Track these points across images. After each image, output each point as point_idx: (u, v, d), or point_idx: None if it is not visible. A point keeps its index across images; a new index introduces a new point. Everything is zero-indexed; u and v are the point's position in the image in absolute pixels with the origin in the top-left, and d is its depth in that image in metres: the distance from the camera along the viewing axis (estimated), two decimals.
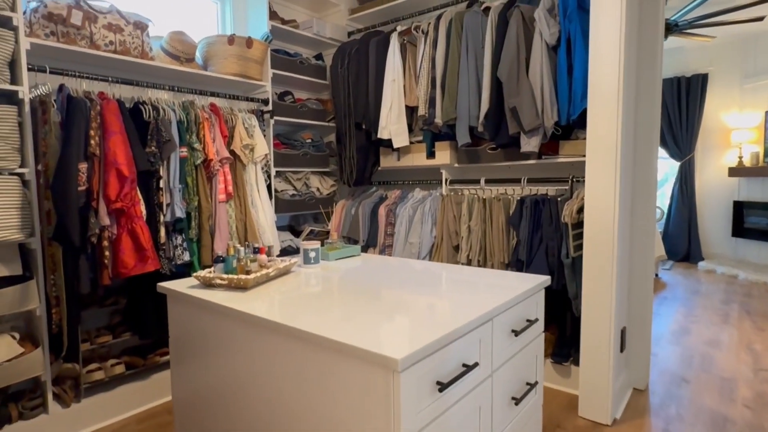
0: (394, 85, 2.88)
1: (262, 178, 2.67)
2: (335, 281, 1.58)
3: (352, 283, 1.56)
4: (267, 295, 1.41)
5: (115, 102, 2.06)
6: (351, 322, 1.13)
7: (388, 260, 1.97)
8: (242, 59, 2.68)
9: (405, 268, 1.80)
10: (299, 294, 1.42)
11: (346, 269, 1.78)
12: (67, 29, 2.02)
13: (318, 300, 1.34)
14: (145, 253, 2.06)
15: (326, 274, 1.71)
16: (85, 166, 1.93)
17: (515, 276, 1.61)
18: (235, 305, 1.30)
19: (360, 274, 1.69)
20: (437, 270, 1.74)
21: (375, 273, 1.71)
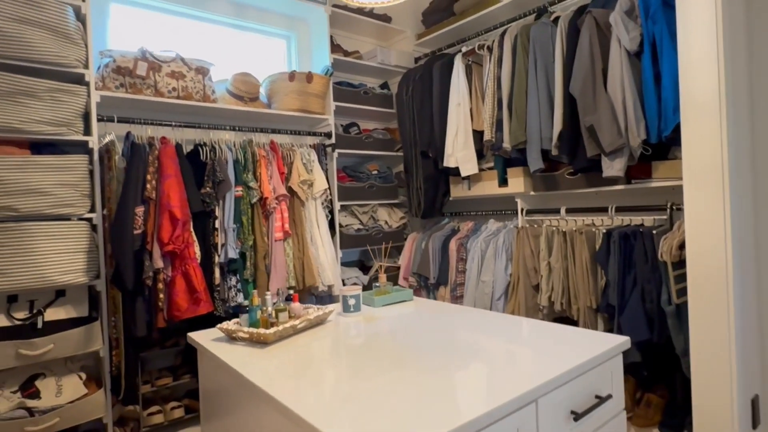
0: (459, 110, 2.64)
1: (323, 214, 2.58)
2: (369, 337, 1.37)
3: (387, 340, 1.33)
4: (286, 353, 1.24)
5: (172, 146, 2.11)
6: (356, 403, 0.90)
7: (442, 308, 1.70)
8: (303, 94, 2.65)
9: (454, 319, 1.52)
10: (322, 354, 1.23)
11: (388, 320, 1.56)
12: (134, 80, 2.13)
13: (338, 364, 1.14)
14: (198, 296, 2.04)
15: (363, 327, 1.50)
16: (142, 210, 1.98)
17: (585, 335, 1.26)
18: (240, 365, 1.15)
19: (401, 327, 1.46)
20: (487, 323, 1.44)
21: (417, 327, 1.46)
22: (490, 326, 1.42)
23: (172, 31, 2.61)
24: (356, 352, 1.24)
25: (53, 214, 1.91)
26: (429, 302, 1.82)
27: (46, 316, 1.96)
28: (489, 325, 1.44)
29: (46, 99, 1.90)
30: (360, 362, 1.15)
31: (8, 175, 1.80)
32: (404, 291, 1.85)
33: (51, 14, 1.88)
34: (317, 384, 1.01)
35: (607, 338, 1.22)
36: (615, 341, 1.20)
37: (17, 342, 1.84)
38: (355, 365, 1.13)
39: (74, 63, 1.97)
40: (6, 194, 1.80)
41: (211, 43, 2.75)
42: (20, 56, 1.83)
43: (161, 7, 2.54)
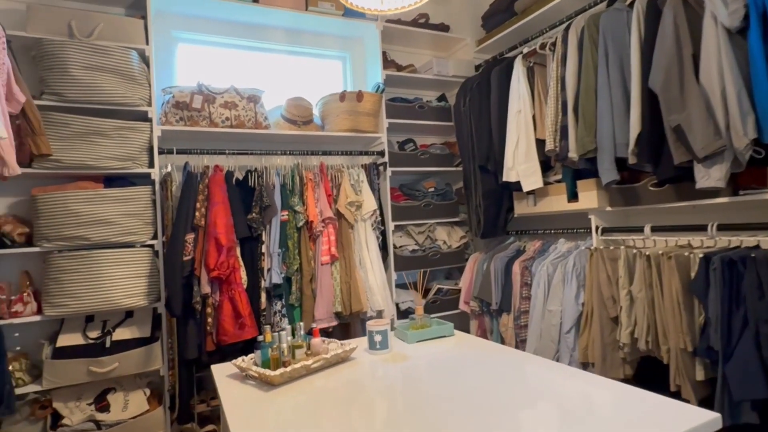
0: (519, 117, 2.40)
1: (373, 236, 2.50)
2: (390, 384, 1.24)
3: (410, 391, 1.19)
4: (292, 397, 1.17)
5: (221, 173, 2.19)
6: None
7: (485, 348, 1.51)
8: (353, 114, 2.62)
9: (496, 366, 1.32)
10: (331, 402, 1.12)
11: (419, 362, 1.40)
12: (191, 113, 2.26)
13: (345, 416, 1.03)
14: (243, 321, 2.07)
15: (387, 369, 1.37)
16: (192, 237, 2.07)
17: (657, 404, 0.99)
18: (232, 409, 1.09)
19: (431, 374, 1.30)
20: (536, 376, 1.22)
21: (451, 374, 1.29)
22: (539, 381, 1.20)
23: (233, 64, 2.75)
24: (370, 403, 1.12)
25: (119, 241, 2.07)
26: (472, 340, 1.63)
27: (115, 335, 2.12)
28: (538, 379, 1.22)
29: (114, 137, 2.08)
30: (370, 418, 1.03)
31: (81, 208, 2.00)
32: (444, 325, 1.68)
33: (117, 60, 2.06)
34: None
35: (693, 414, 0.94)
36: (703, 417, 0.91)
37: (88, 360, 2.01)
38: (364, 421, 1.01)
39: (138, 102, 2.14)
40: (79, 225, 2.00)
41: (269, 72, 2.85)
42: (92, 100, 2.03)
43: (223, 42, 2.69)
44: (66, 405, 2.08)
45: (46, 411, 2.04)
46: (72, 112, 2.01)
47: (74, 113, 2.01)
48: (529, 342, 2.38)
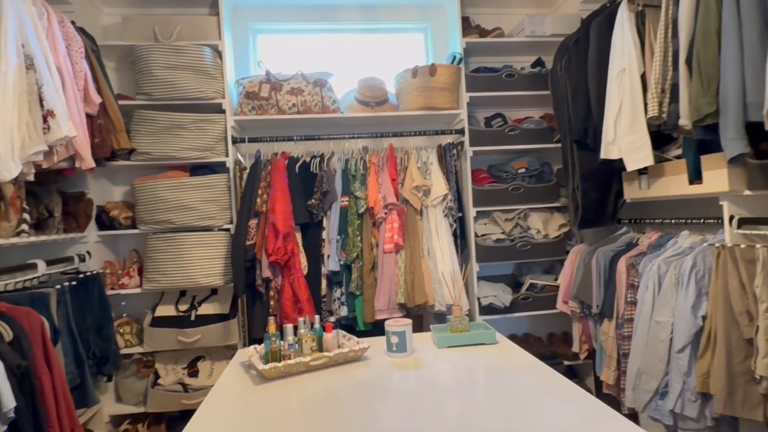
0: (623, 78, 1.90)
1: (444, 223, 2.28)
2: (387, 394, 1.09)
3: (405, 403, 1.02)
4: (273, 396, 1.11)
5: (282, 160, 2.21)
6: None
7: (529, 367, 1.23)
8: (426, 90, 2.40)
9: (535, 399, 1.06)
10: (311, 406, 1.03)
11: (438, 373, 1.21)
12: (260, 102, 2.33)
13: (307, 426, 0.93)
14: (301, 306, 2.08)
15: (394, 376, 1.20)
16: (255, 222, 2.14)
17: None
18: (211, 399, 1.07)
19: (444, 386, 1.11)
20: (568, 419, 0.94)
21: (466, 390, 1.08)
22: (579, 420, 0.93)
23: (310, 50, 2.76)
24: (350, 413, 0.99)
25: (199, 225, 2.26)
26: (516, 352, 1.34)
27: (200, 310, 2.34)
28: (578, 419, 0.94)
29: (193, 129, 2.26)
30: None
31: (167, 195, 2.22)
32: (485, 331, 1.42)
33: (192, 57, 2.21)
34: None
35: None
36: None
37: (177, 330, 2.26)
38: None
39: (213, 95, 2.28)
40: (167, 210, 2.23)
41: (346, 54, 2.79)
42: (173, 96, 2.22)
43: (299, 29, 2.71)
44: (165, 366, 2.38)
45: (149, 370, 2.36)
46: (158, 109, 2.23)
47: (160, 110, 2.23)
48: (632, 357, 1.92)
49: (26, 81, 1.49)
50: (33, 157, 1.50)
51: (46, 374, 1.48)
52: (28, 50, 1.52)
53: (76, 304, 1.90)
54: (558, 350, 2.57)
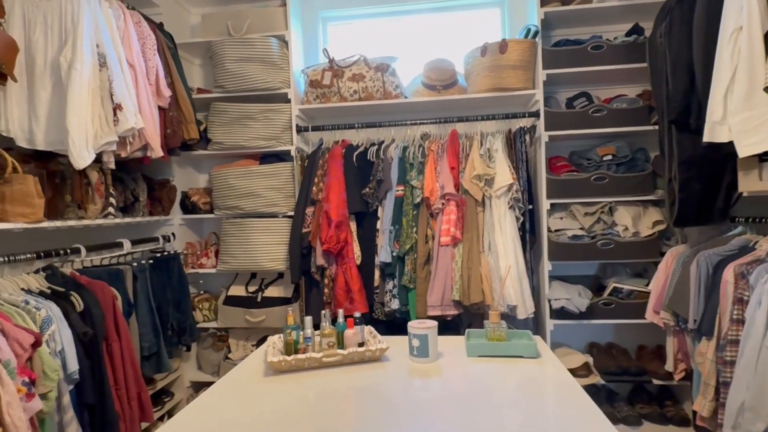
0: (739, 39, 1.52)
1: (509, 216, 2.07)
2: (382, 404, 1.01)
3: (397, 416, 0.95)
4: (273, 390, 1.09)
5: (339, 148, 2.19)
6: None
7: (570, 396, 1.06)
8: (495, 69, 2.19)
9: (549, 425, 0.91)
10: (299, 407, 1.01)
11: (453, 383, 1.10)
12: (322, 90, 2.33)
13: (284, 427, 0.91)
14: (352, 296, 2.06)
15: (404, 383, 1.12)
16: (311, 210, 2.16)
17: None
18: (218, 387, 1.08)
19: (451, 402, 1.00)
20: None
21: (478, 413, 0.96)
22: None
23: (380, 34, 2.69)
24: (349, 421, 0.95)
25: (265, 212, 2.35)
26: (558, 371, 1.16)
27: (266, 292, 2.45)
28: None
29: (261, 119, 2.34)
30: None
31: (236, 182, 2.34)
32: (526, 343, 1.25)
33: (259, 49, 2.29)
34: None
35: None
36: None
37: (244, 309, 2.39)
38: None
39: (279, 85, 2.33)
40: (237, 197, 2.35)
41: (418, 36, 2.67)
42: (242, 88, 2.32)
43: (368, 13, 2.65)
44: (236, 342, 2.54)
45: (223, 344, 2.55)
46: (231, 101, 2.35)
47: (232, 101, 2.35)
48: (735, 388, 1.57)
49: (99, 78, 1.65)
50: (105, 146, 1.67)
51: (116, 341, 1.66)
52: (102, 49, 1.68)
53: (157, 281, 2.10)
54: (648, 366, 2.21)
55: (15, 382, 1.24)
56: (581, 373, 2.19)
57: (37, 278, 1.57)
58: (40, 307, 1.42)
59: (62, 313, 1.47)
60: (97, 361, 1.54)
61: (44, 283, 1.57)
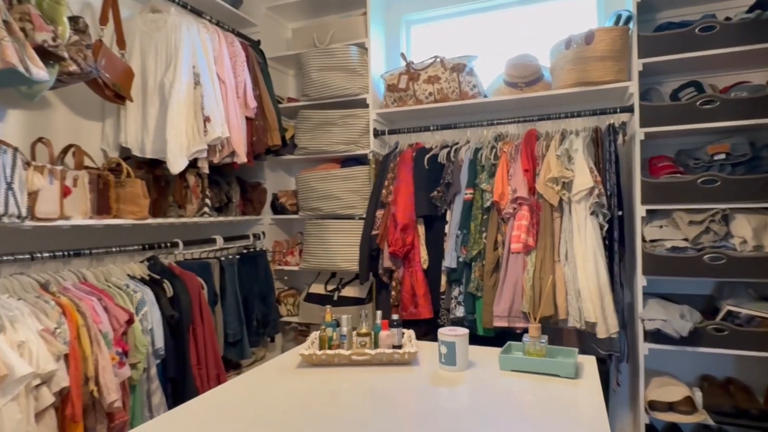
0: None
1: (591, 223, 1.87)
2: (392, 405, 1.01)
3: (405, 422, 0.95)
4: (297, 382, 1.14)
5: (410, 151, 2.19)
6: None
7: (588, 416, 0.95)
8: (580, 62, 2.00)
9: None
10: (308, 401, 1.05)
11: (475, 393, 1.05)
12: (399, 94, 2.36)
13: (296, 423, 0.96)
14: (417, 300, 2.05)
15: (421, 389, 1.09)
16: (381, 213, 2.19)
17: None
18: (254, 374, 1.17)
19: (464, 415, 0.97)
20: None
21: (479, 427, 0.92)
22: None
23: (464, 33, 2.63)
24: (355, 419, 0.97)
25: (342, 214, 2.46)
26: (591, 397, 1.03)
27: (343, 292, 2.55)
28: None
29: (341, 124, 2.46)
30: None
31: (317, 185, 2.49)
32: (562, 361, 1.13)
33: (340, 57, 2.40)
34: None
35: None
36: None
37: (321, 307, 2.52)
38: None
39: (358, 91, 2.42)
40: (316, 198, 2.50)
41: (504, 31, 2.55)
42: (324, 95, 2.46)
43: (452, 12, 2.61)
44: None
45: (304, 338, 2.71)
46: (314, 108, 2.51)
47: (315, 109, 2.50)
48: None
49: (193, 94, 1.89)
50: (197, 154, 1.90)
51: (200, 326, 1.88)
52: (197, 70, 1.92)
53: (244, 275, 2.33)
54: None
55: (110, 351, 1.48)
56: (682, 410, 1.87)
57: (140, 266, 1.85)
58: (137, 290, 1.67)
59: (155, 297, 1.71)
60: (181, 341, 1.76)
61: (145, 270, 1.84)
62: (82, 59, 1.52)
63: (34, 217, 1.45)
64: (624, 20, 1.95)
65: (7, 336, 1.24)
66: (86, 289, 1.56)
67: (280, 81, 2.80)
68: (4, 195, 1.34)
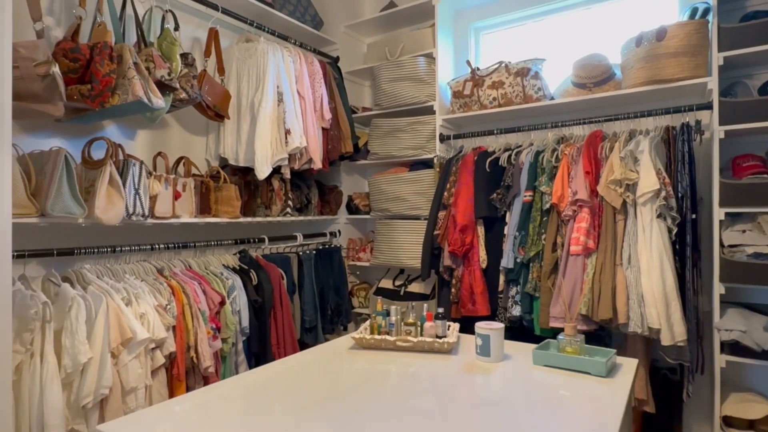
0: None
1: (658, 227, 1.80)
2: (418, 387, 1.15)
3: (414, 404, 1.09)
4: (346, 362, 1.33)
5: (471, 155, 2.27)
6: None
7: (607, 416, 1.00)
8: (651, 60, 1.93)
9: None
10: (344, 378, 1.23)
11: (501, 384, 1.14)
12: (464, 100, 2.45)
13: (334, 402, 1.15)
14: (475, 298, 2.13)
15: (452, 376, 1.21)
16: (443, 214, 2.30)
17: None
18: (314, 350, 1.38)
19: (483, 402, 1.08)
20: None
21: (494, 415, 1.03)
22: None
23: (533, 37, 2.63)
24: (360, 397, 1.14)
25: (409, 214, 2.62)
26: (616, 397, 1.06)
27: (409, 287, 2.71)
28: None
29: (409, 130, 2.62)
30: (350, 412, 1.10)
31: (386, 187, 2.67)
32: (592, 360, 1.17)
33: (408, 68, 2.56)
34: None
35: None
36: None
37: (389, 301, 2.70)
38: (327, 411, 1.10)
39: (425, 99, 2.56)
40: (385, 200, 2.69)
41: (575, 32, 2.51)
42: (393, 104, 2.64)
43: (520, 17, 2.63)
44: None
45: None
46: (385, 117, 2.69)
47: (386, 117, 2.69)
48: None
49: (277, 111, 2.18)
50: (279, 162, 2.19)
51: (280, 311, 2.16)
52: (281, 89, 2.20)
53: (321, 268, 2.59)
54: None
55: (207, 326, 1.80)
56: (763, 429, 1.73)
57: (233, 258, 2.18)
58: (229, 278, 1.99)
59: (243, 284, 2.02)
60: (263, 323, 2.05)
61: (237, 261, 2.17)
62: (190, 88, 1.86)
63: (153, 216, 1.82)
64: (701, 13, 1.85)
65: (132, 308, 1.60)
66: (190, 275, 1.90)
67: (357, 92, 3.04)
68: (133, 199, 1.71)
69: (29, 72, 1.39)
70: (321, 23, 2.80)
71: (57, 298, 1.49)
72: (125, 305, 1.58)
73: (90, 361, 1.44)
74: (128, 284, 1.66)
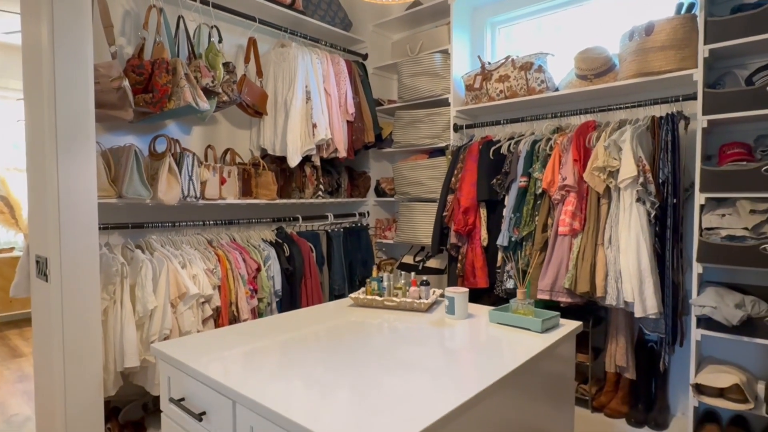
0: None
1: (637, 210, 1.97)
2: (401, 335, 1.48)
3: (397, 344, 1.42)
4: (340, 315, 1.67)
5: (476, 144, 2.50)
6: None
7: (533, 361, 1.27)
8: (640, 53, 2.06)
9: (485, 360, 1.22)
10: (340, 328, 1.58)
11: (455, 334, 1.44)
12: (475, 93, 2.67)
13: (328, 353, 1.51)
14: (476, 272, 2.40)
15: (422, 327, 1.52)
16: (451, 197, 2.57)
17: None
18: (319, 308, 1.74)
19: (444, 344, 1.39)
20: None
21: (462, 350, 1.34)
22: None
23: (548, 30, 2.77)
24: (350, 340, 1.49)
25: (425, 197, 2.90)
26: (538, 346, 1.32)
27: (428, 263, 3.01)
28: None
29: (426, 121, 2.88)
30: (340, 353, 1.45)
31: (407, 173, 2.97)
32: (532, 319, 1.42)
33: (426, 64, 2.81)
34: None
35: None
36: None
37: (409, 275, 3.02)
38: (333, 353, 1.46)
39: (441, 92, 2.81)
40: (406, 184, 2.98)
41: (587, 25, 2.63)
42: (413, 97, 2.91)
43: (535, 10, 2.77)
44: None
45: None
46: (405, 109, 2.97)
47: (407, 109, 2.96)
48: None
49: (305, 107, 2.53)
50: (308, 152, 2.55)
51: (309, 279, 2.55)
52: (309, 88, 2.55)
53: (350, 244, 2.95)
54: None
55: (245, 288, 2.22)
56: (731, 397, 1.88)
57: (271, 233, 2.60)
58: (265, 249, 2.40)
59: (276, 255, 2.42)
60: (293, 288, 2.45)
61: (273, 236, 2.58)
62: (231, 92, 2.26)
63: (204, 198, 2.25)
64: (686, 8, 1.94)
65: (187, 270, 2.04)
66: (233, 246, 2.33)
67: (385, 86, 3.33)
68: (187, 184, 2.15)
69: (107, 86, 1.83)
70: (350, 24, 3.10)
71: (131, 260, 1.96)
72: (181, 268, 2.02)
73: (155, 308, 1.90)
74: (184, 252, 2.11)
